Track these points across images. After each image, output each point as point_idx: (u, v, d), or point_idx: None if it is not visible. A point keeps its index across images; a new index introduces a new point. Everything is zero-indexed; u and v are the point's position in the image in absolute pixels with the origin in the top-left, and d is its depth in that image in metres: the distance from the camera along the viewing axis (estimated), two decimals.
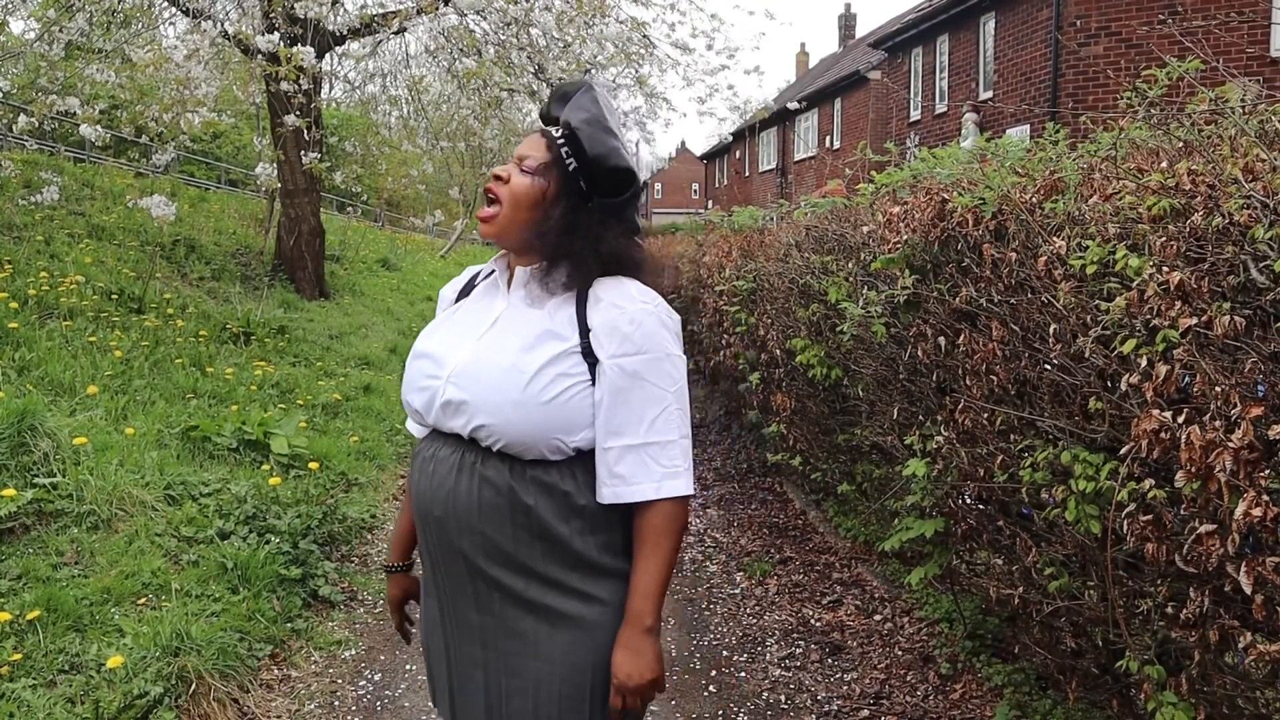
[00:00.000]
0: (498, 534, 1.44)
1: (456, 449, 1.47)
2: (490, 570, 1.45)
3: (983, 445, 2.60)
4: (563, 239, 1.48)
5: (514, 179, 1.51)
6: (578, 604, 1.46)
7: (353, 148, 12.00)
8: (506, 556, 1.44)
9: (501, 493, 1.43)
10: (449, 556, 1.49)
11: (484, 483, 1.44)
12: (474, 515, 1.44)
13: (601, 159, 1.47)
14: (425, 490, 1.50)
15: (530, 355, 1.43)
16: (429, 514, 1.49)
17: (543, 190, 1.49)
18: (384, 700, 3.13)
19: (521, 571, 1.45)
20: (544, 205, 1.50)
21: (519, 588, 1.45)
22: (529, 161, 1.50)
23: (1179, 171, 1.94)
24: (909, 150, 7.53)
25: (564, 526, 1.45)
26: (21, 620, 2.85)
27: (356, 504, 4.73)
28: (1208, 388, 1.69)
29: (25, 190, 9.05)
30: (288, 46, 7.08)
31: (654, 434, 1.43)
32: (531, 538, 1.44)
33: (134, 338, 6.30)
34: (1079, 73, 12.21)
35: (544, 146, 1.51)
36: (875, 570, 4.25)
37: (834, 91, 23.48)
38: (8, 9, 8.88)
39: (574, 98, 1.53)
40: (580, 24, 9.01)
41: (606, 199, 1.50)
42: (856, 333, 3.35)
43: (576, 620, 1.46)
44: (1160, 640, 2.09)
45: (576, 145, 1.48)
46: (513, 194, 1.50)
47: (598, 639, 1.46)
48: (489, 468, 1.44)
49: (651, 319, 1.45)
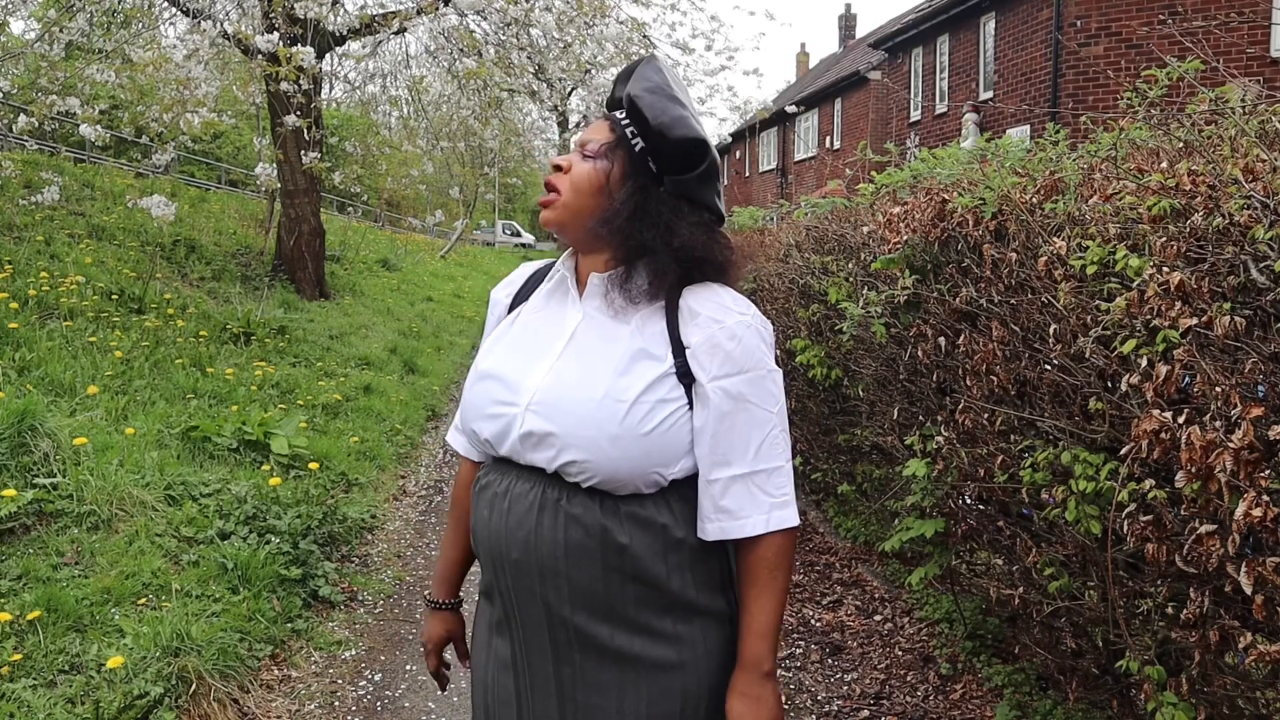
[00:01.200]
0: (586, 578, 1.29)
1: (535, 484, 1.32)
2: (575, 619, 1.31)
3: (983, 445, 2.60)
4: (631, 225, 1.33)
5: (575, 166, 1.36)
6: (667, 649, 1.32)
7: (353, 148, 12.02)
8: (594, 603, 1.30)
9: (592, 533, 1.28)
10: (527, 603, 1.34)
11: (571, 522, 1.29)
12: (559, 558, 1.29)
13: (666, 128, 1.32)
14: (499, 530, 1.34)
15: (625, 379, 1.28)
16: (504, 556, 1.34)
17: (605, 173, 1.35)
18: (384, 700, 3.13)
19: (609, 618, 1.31)
20: (608, 189, 1.35)
21: (604, 636, 1.31)
22: (591, 145, 1.37)
23: (1179, 172, 1.94)
24: (909, 150, 7.53)
25: (661, 565, 1.31)
26: (22, 620, 2.85)
27: (357, 504, 4.73)
28: (1208, 388, 1.69)
29: (26, 190, 9.06)
30: (288, 47, 7.08)
31: (761, 461, 1.30)
32: (624, 580, 1.29)
33: (134, 338, 6.31)
34: (1079, 73, 12.21)
35: (607, 129, 1.38)
36: (875, 570, 4.25)
37: (834, 92, 23.49)
38: (8, 9, 8.88)
39: (636, 71, 1.40)
40: (580, 24, 9.02)
41: (679, 177, 1.35)
42: (856, 333, 3.35)
43: (665, 667, 1.32)
44: (1160, 641, 2.09)
45: (640, 118, 1.33)
46: (574, 181, 1.35)
47: (686, 684, 1.32)
48: (575, 505, 1.29)
49: (751, 333, 1.31)
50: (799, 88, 31.35)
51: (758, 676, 1.30)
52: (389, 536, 4.72)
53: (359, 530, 4.56)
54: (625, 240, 1.34)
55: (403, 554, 4.51)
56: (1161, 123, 2.44)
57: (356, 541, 4.47)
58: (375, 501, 5.02)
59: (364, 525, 4.64)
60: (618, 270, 1.36)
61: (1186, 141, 2.29)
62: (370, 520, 4.73)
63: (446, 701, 3.14)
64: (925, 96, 16.77)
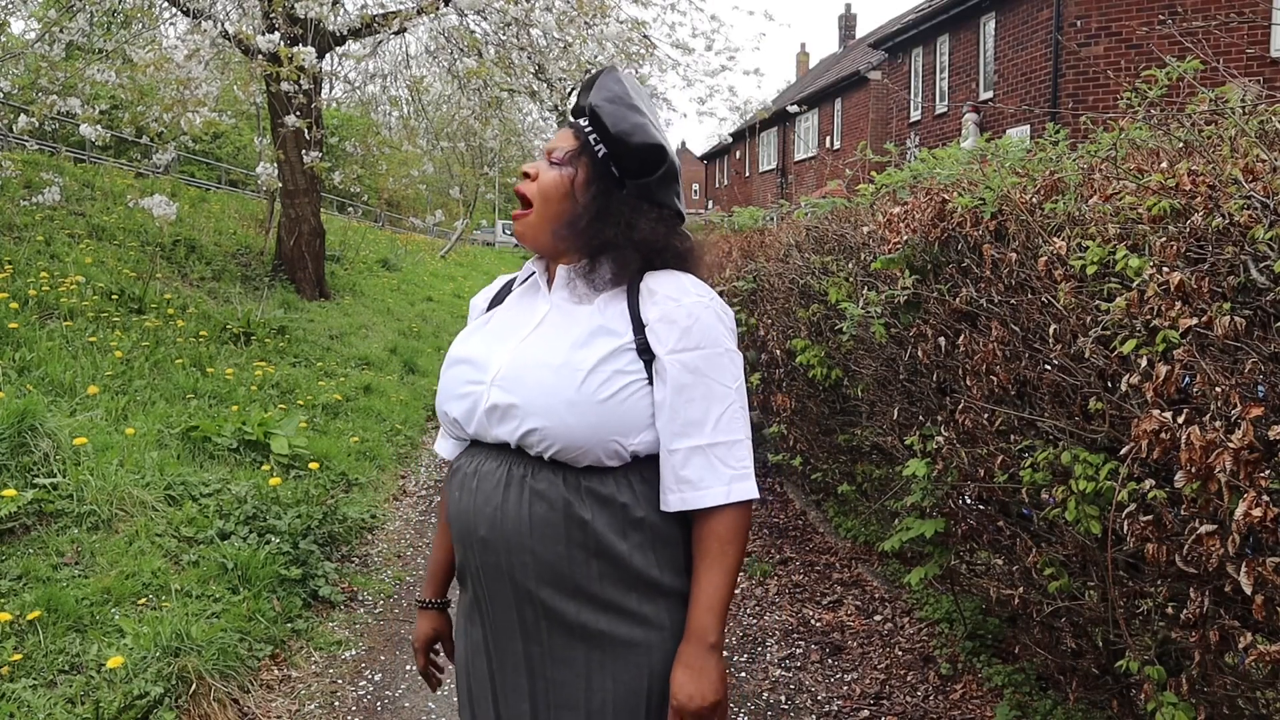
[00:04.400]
0: (551, 553, 1.33)
1: (502, 461, 1.37)
2: (540, 593, 1.34)
3: (983, 446, 2.60)
4: (595, 226, 1.40)
5: (542, 174, 1.43)
6: (633, 628, 1.35)
7: (353, 148, 12.01)
8: (560, 578, 1.33)
9: (555, 507, 1.32)
10: (495, 580, 1.38)
11: (535, 497, 1.33)
12: (524, 533, 1.33)
13: (626, 135, 1.39)
14: (468, 508, 1.38)
15: (583, 351, 1.33)
16: (473, 534, 1.38)
17: (570, 179, 1.42)
18: (384, 700, 3.13)
19: (575, 594, 1.34)
20: (573, 194, 1.42)
21: (570, 612, 1.34)
22: (557, 153, 1.44)
23: (1179, 172, 1.94)
24: (909, 151, 7.54)
25: (623, 542, 1.34)
26: (22, 620, 2.85)
27: (357, 504, 4.73)
28: (1208, 388, 1.69)
29: (26, 191, 9.06)
30: (288, 47, 7.08)
31: (720, 433, 1.33)
32: (587, 556, 1.33)
33: (134, 338, 6.31)
34: (1079, 73, 12.21)
35: (571, 136, 1.45)
36: (875, 570, 4.25)
37: (834, 92, 23.49)
38: (8, 9, 8.88)
39: (598, 82, 1.46)
40: (580, 24, 9.02)
41: (639, 180, 1.42)
42: (856, 333, 3.35)
43: (631, 645, 1.35)
44: (1160, 641, 2.09)
45: (601, 127, 1.41)
46: (541, 189, 1.42)
47: (653, 664, 1.35)
48: (540, 480, 1.33)
49: (708, 313, 1.36)
50: (799, 88, 31.35)
51: (703, 649, 1.32)
52: (389, 536, 4.72)
53: (359, 530, 4.56)
54: (589, 240, 1.41)
55: (403, 554, 4.51)
56: (1161, 123, 2.44)
57: (356, 541, 4.47)
58: (375, 501, 5.02)
59: (364, 525, 4.64)
60: (582, 262, 1.42)
61: (1186, 141, 2.29)
62: (370, 520, 4.73)
63: (447, 701, 3.14)
64: (925, 96, 16.77)
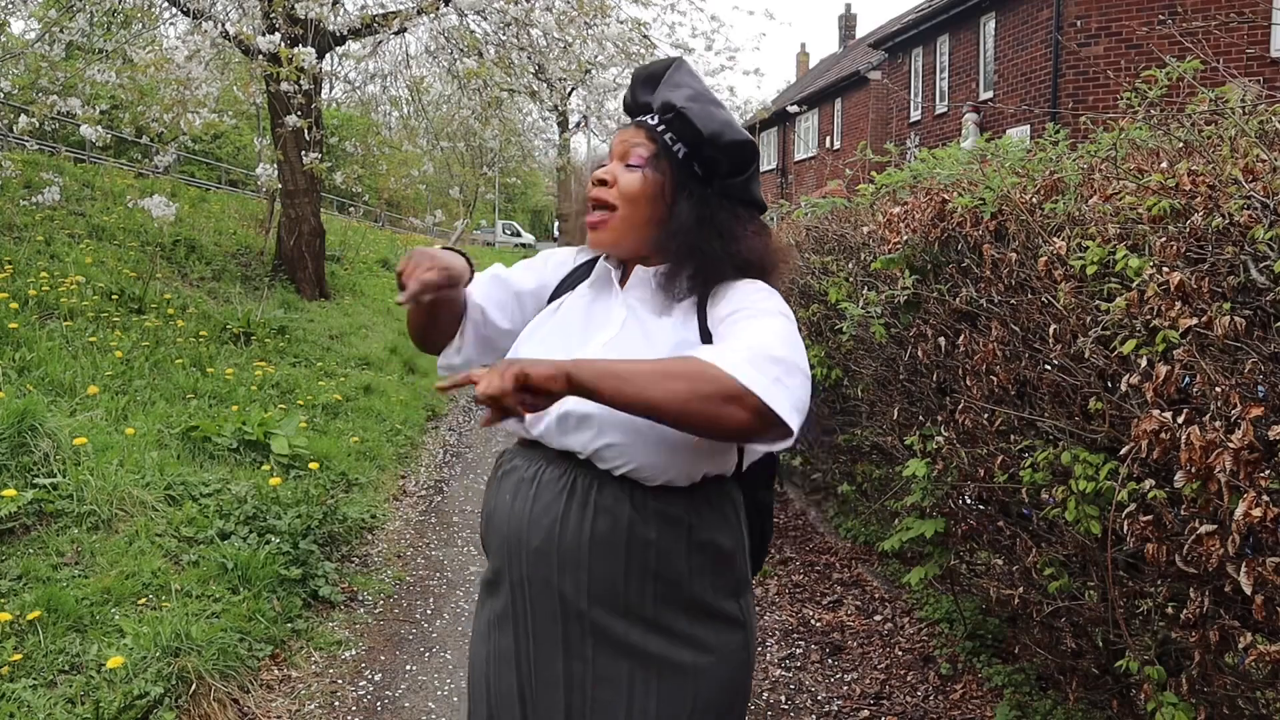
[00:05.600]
0: (608, 571, 1.27)
1: (567, 470, 1.30)
2: (592, 612, 1.28)
3: (983, 446, 2.60)
4: (694, 234, 1.31)
5: (621, 178, 1.34)
6: (681, 650, 1.30)
7: (353, 148, 12.00)
8: (613, 596, 1.27)
9: (619, 525, 1.26)
10: (541, 594, 1.31)
11: (600, 512, 1.26)
12: (583, 549, 1.27)
13: (718, 135, 1.31)
14: (522, 515, 1.31)
15: None
16: (524, 544, 1.31)
17: (659, 184, 1.33)
18: (384, 700, 3.13)
19: (627, 614, 1.28)
20: (665, 200, 1.33)
21: (619, 631, 1.28)
22: (634, 156, 1.34)
23: (1179, 172, 1.94)
24: (909, 151, 7.53)
25: (684, 564, 1.29)
26: (22, 620, 2.85)
27: (357, 504, 4.73)
28: (1208, 388, 1.69)
29: (26, 191, 9.06)
30: (288, 47, 7.08)
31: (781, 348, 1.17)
32: (645, 576, 1.28)
33: (134, 338, 6.31)
34: (1079, 73, 12.21)
35: (645, 137, 1.35)
36: (875, 570, 4.25)
37: (834, 92, 23.48)
38: (8, 9, 8.88)
39: (667, 76, 1.37)
40: (580, 24, 9.02)
41: (728, 180, 1.34)
42: (856, 333, 3.35)
43: (678, 668, 1.29)
44: (1160, 641, 2.09)
45: (685, 127, 1.32)
46: (626, 193, 1.33)
47: (699, 689, 1.30)
48: (605, 495, 1.27)
49: (772, 301, 1.29)
50: (799, 88, 31.34)
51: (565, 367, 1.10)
52: (389, 536, 4.72)
53: (359, 530, 4.56)
54: (691, 251, 1.31)
55: (403, 554, 4.51)
56: (1161, 123, 2.44)
57: (356, 541, 4.47)
58: (375, 501, 5.02)
59: (364, 525, 4.64)
60: (665, 266, 1.35)
61: (1186, 141, 2.29)
62: (370, 520, 4.73)
63: (447, 702, 3.15)
64: (925, 97, 16.77)
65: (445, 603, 3.95)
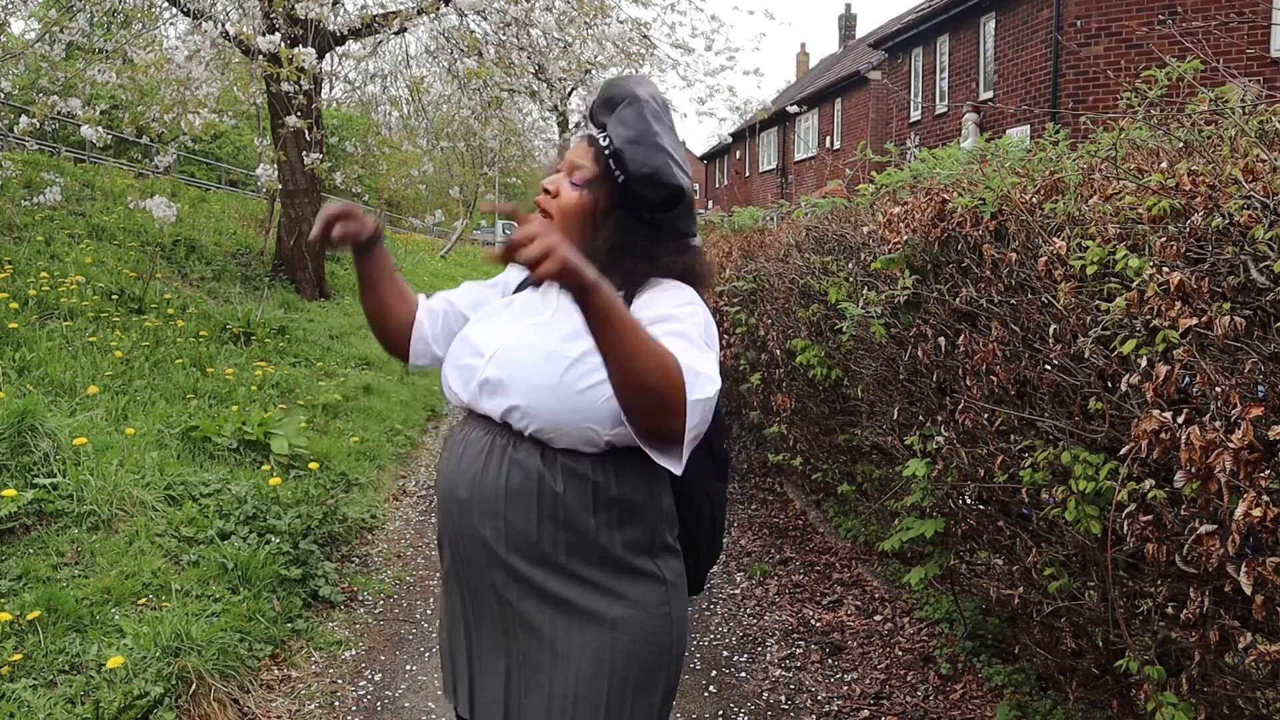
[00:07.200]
0: (522, 520, 1.40)
1: (489, 432, 1.45)
2: (510, 559, 1.41)
3: (983, 446, 2.60)
4: (614, 256, 1.43)
5: (563, 193, 1.48)
6: (600, 600, 1.41)
7: (353, 148, 12.03)
8: (529, 545, 1.40)
9: (530, 477, 1.40)
10: (470, 543, 1.46)
11: (513, 466, 1.41)
12: (500, 499, 1.41)
13: (648, 179, 1.43)
14: (453, 471, 1.48)
15: (571, 343, 1.39)
16: (454, 496, 1.47)
17: (592, 206, 1.46)
18: (384, 700, 3.13)
19: (543, 563, 1.41)
20: (594, 221, 1.47)
21: (538, 579, 1.41)
22: (578, 174, 1.47)
23: (1179, 172, 1.94)
24: (909, 151, 7.53)
25: (591, 518, 1.40)
26: (22, 620, 2.85)
27: (357, 504, 4.73)
28: (1208, 388, 1.69)
29: (26, 191, 9.06)
30: (288, 47, 7.08)
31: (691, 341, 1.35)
32: (556, 527, 1.40)
33: (134, 338, 6.31)
34: (1079, 73, 12.21)
35: (592, 157, 1.47)
36: (875, 570, 4.25)
37: (834, 92, 23.48)
38: (8, 9, 8.88)
39: (618, 110, 1.48)
40: (580, 24, 9.02)
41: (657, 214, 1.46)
42: (856, 333, 3.35)
43: (597, 617, 1.41)
44: (1160, 641, 2.09)
45: (622, 167, 1.44)
46: (561, 209, 1.47)
47: (619, 639, 1.41)
48: (520, 451, 1.41)
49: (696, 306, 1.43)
50: (799, 88, 31.35)
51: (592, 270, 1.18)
52: (389, 536, 4.72)
53: (359, 530, 4.56)
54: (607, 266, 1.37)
55: (403, 554, 4.51)
56: (1161, 123, 2.44)
57: (356, 541, 4.47)
58: (375, 501, 5.02)
59: (364, 525, 4.64)
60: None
61: (1186, 141, 2.29)
62: (370, 520, 4.73)
63: (447, 702, 3.15)
64: (925, 97, 16.77)
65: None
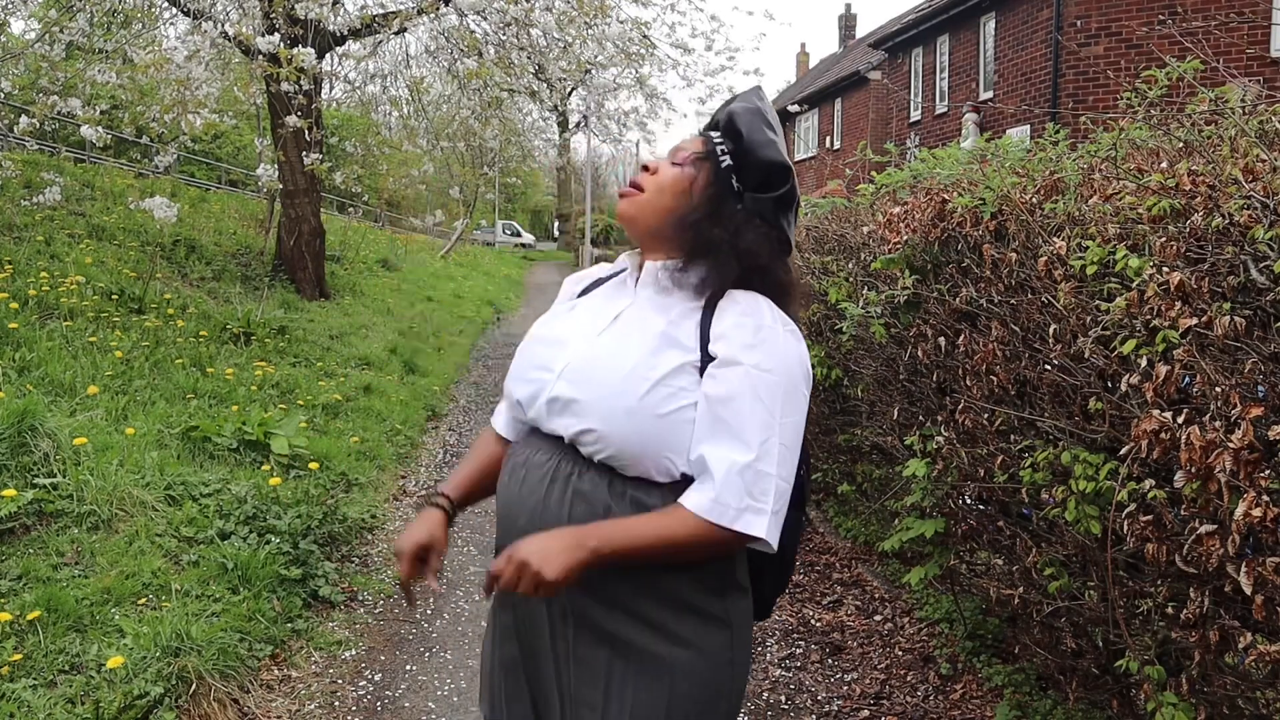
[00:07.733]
0: None
1: (553, 455, 1.36)
2: (569, 594, 1.31)
3: (983, 446, 2.60)
4: (702, 225, 1.38)
5: (662, 169, 1.44)
6: (658, 642, 1.32)
7: (353, 148, 12.03)
8: (589, 581, 1.29)
9: (595, 510, 1.31)
10: None
11: (577, 497, 1.32)
12: None
13: (757, 146, 1.39)
14: (513, 497, 1.39)
15: (653, 360, 1.31)
16: (514, 522, 1.38)
17: (690, 179, 1.42)
18: (384, 700, 3.13)
19: (604, 601, 1.33)
20: (689, 194, 1.41)
21: (597, 617, 1.33)
22: (681, 154, 1.45)
23: (1179, 172, 1.94)
24: (909, 151, 7.54)
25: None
26: (22, 620, 2.85)
27: (357, 504, 4.73)
28: (1208, 388, 1.69)
29: (26, 191, 9.06)
30: (288, 47, 7.08)
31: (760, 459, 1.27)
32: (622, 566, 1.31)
33: (134, 338, 6.30)
34: (1079, 73, 12.21)
35: (700, 143, 1.45)
36: (875, 570, 4.25)
37: (834, 92, 23.48)
38: (8, 9, 8.88)
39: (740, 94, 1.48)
40: (580, 24, 9.02)
41: (757, 195, 1.41)
42: (856, 333, 3.35)
43: (654, 658, 1.32)
44: (1160, 641, 2.09)
45: (734, 133, 1.41)
46: (658, 181, 1.43)
47: (676, 684, 1.32)
48: (585, 481, 1.32)
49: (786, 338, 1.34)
50: (799, 88, 31.33)
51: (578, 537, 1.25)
52: (389, 536, 4.71)
53: (359, 530, 4.56)
54: (693, 237, 1.39)
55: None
56: (1161, 123, 2.44)
57: (356, 541, 4.47)
58: (375, 501, 5.02)
59: (364, 525, 4.64)
60: (676, 261, 1.41)
61: (1186, 141, 2.29)
62: (370, 520, 4.73)
63: (447, 701, 3.15)
64: (925, 97, 16.77)
65: (445, 603, 3.95)
